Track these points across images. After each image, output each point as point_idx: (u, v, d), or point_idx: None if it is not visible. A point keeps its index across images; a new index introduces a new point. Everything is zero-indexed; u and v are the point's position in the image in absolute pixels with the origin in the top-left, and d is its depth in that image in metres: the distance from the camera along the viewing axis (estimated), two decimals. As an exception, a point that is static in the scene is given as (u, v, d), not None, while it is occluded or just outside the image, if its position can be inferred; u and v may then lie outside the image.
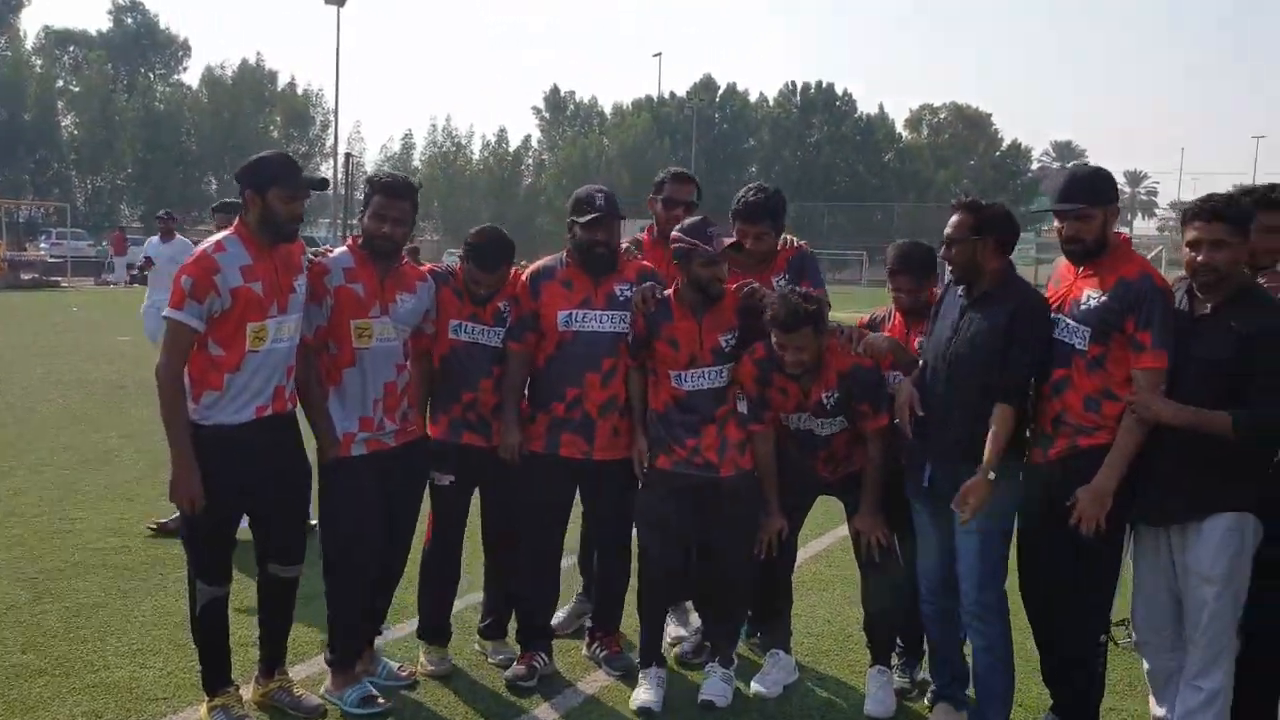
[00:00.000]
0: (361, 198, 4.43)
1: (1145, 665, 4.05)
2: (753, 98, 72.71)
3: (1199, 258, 3.63)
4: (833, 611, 5.68)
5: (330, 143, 60.65)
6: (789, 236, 5.07)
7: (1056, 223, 3.99)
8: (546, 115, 72.55)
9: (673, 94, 72.54)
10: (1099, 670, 4.09)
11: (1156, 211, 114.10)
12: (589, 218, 4.54)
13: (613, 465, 4.61)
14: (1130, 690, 4.69)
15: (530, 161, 69.52)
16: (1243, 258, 3.67)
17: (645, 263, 4.81)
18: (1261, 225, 4.01)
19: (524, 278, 4.67)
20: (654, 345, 4.45)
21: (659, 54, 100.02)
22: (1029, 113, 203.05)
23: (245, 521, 4.22)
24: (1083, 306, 3.88)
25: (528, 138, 70.42)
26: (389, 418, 4.33)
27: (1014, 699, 4.18)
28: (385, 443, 4.35)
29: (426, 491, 4.68)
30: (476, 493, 4.83)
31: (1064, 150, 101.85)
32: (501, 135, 67.03)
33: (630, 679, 4.66)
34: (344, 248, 4.43)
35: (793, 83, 71.98)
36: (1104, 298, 3.83)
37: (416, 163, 64.32)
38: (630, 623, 4.86)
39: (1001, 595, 4.01)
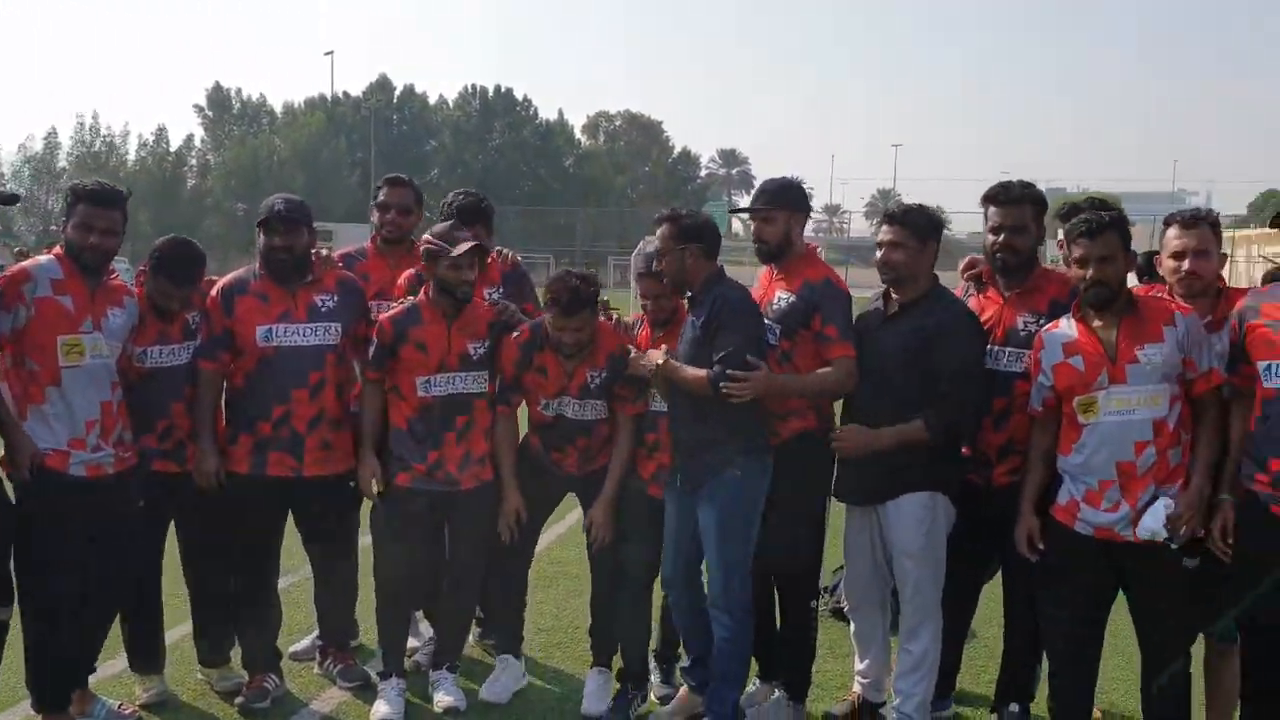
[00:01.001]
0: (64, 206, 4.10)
1: (852, 627, 4.52)
2: (432, 100, 72.19)
3: (879, 256, 4.13)
4: (559, 607, 5.85)
5: (-43, 141, 54.08)
6: (506, 251, 5.18)
7: (754, 228, 4.39)
8: (210, 113, 68.39)
9: (347, 94, 70.70)
10: (813, 635, 4.52)
11: (812, 214, 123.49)
12: (261, 220, 4.44)
13: (325, 481, 4.52)
14: (830, 654, 5.15)
15: (194, 162, 65.19)
16: (923, 261, 4.13)
17: (344, 273, 4.73)
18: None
19: (214, 293, 4.48)
20: (399, 353, 4.40)
21: (330, 52, 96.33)
22: (695, 121, 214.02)
23: None
24: (774, 307, 4.28)
25: (190, 137, 65.96)
26: (104, 440, 4.05)
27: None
28: (105, 469, 4.06)
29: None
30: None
31: (729, 157, 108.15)
32: (160, 134, 62.34)
33: (367, 692, 4.62)
34: (50, 256, 4.08)
35: (473, 86, 72.18)
36: (792, 298, 4.25)
37: (63, 163, 58.61)
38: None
39: (745, 587, 4.18)
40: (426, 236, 4.47)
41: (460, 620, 4.76)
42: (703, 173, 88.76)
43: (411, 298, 4.56)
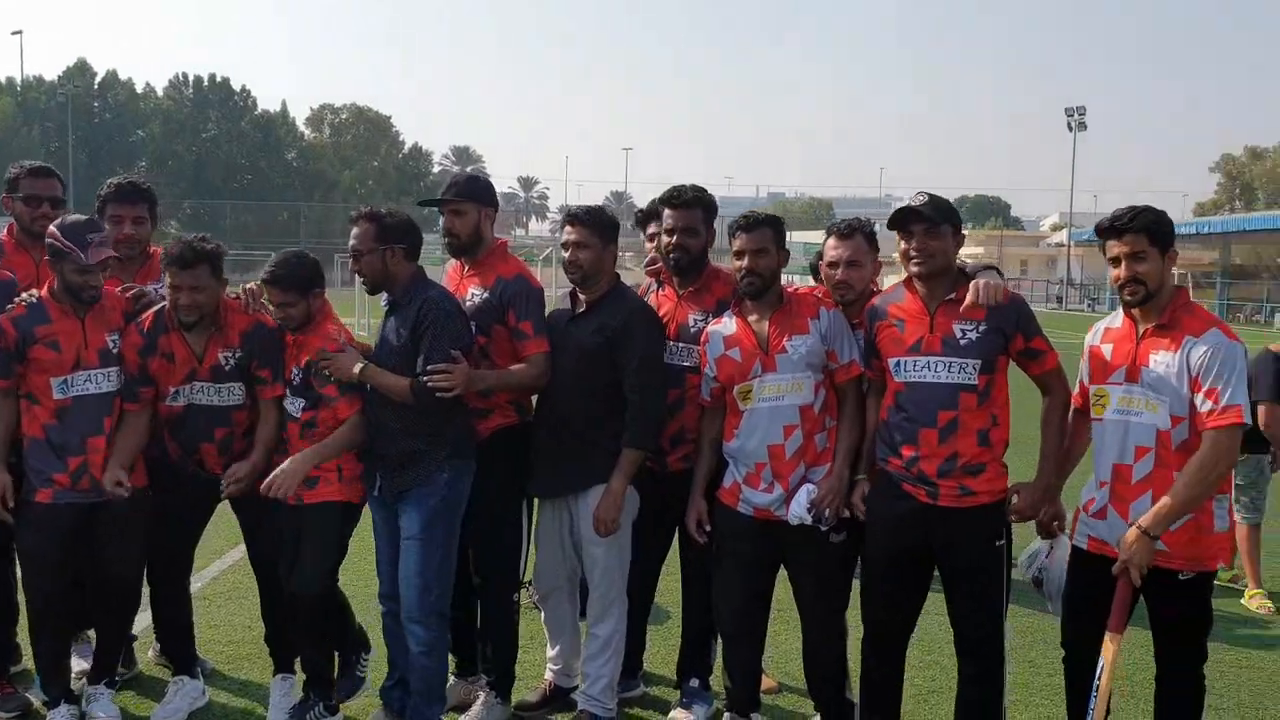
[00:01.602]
0: None
1: (543, 615, 4.63)
2: (139, 88, 67.63)
3: (565, 256, 4.27)
4: (251, 617, 5.62)
5: None
6: None
7: (443, 222, 4.39)
8: None
9: (40, 78, 64.99)
10: (515, 629, 4.55)
11: (548, 215, 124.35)
12: None
13: None
14: (532, 643, 5.24)
15: None
16: (606, 260, 4.27)
17: (5, 273, 4.40)
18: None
19: None
20: (29, 355, 4.07)
21: (19, 31, 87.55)
22: (428, 118, 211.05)
23: None
24: (468, 304, 4.32)
25: None
26: None
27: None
28: None
29: None
30: None
31: (463, 155, 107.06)
32: None
33: (28, 721, 4.32)
34: None
35: (184, 74, 68.21)
36: (485, 294, 4.31)
37: None
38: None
39: (445, 594, 4.13)
40: (52, 230, 4.12)
41: (116, 633, 4.48)
42: (435, 169, 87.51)
43: (36, 290, 4.23)
